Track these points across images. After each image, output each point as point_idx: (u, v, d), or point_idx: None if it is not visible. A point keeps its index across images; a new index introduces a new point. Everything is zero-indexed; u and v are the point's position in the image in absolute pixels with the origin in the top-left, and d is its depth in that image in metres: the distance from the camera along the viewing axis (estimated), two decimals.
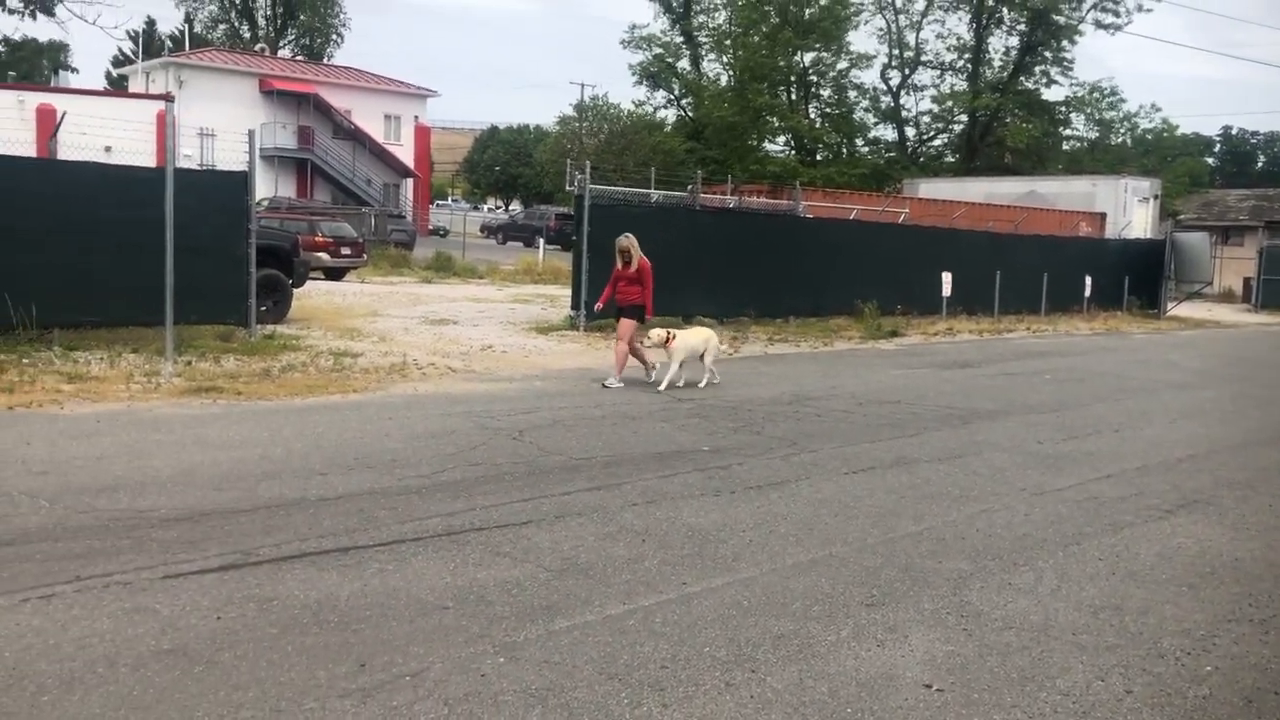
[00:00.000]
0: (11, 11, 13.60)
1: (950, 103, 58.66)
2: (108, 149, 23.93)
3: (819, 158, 58.30)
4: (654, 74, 59.76)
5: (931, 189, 41.86)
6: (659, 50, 59.53)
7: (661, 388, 12.16)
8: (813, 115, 59.73)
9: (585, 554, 5.95)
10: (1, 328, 11.47)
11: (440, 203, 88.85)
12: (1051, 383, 14.99)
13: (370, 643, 4.56)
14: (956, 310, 24.29)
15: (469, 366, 13.14)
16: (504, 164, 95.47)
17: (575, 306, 17.81)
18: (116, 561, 5.37)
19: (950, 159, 60.77)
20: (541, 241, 39.41)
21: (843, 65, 58.82)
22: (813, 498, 7.57)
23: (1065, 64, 57.46)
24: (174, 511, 6.32)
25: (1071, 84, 58.46)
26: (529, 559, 5.80)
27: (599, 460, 8.39)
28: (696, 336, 12.99)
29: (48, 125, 37.01)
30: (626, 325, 12.62)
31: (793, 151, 58.81)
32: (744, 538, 6.44)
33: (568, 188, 27.85)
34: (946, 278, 23.86)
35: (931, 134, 62.10)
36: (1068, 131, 61.35)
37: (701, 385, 12.56)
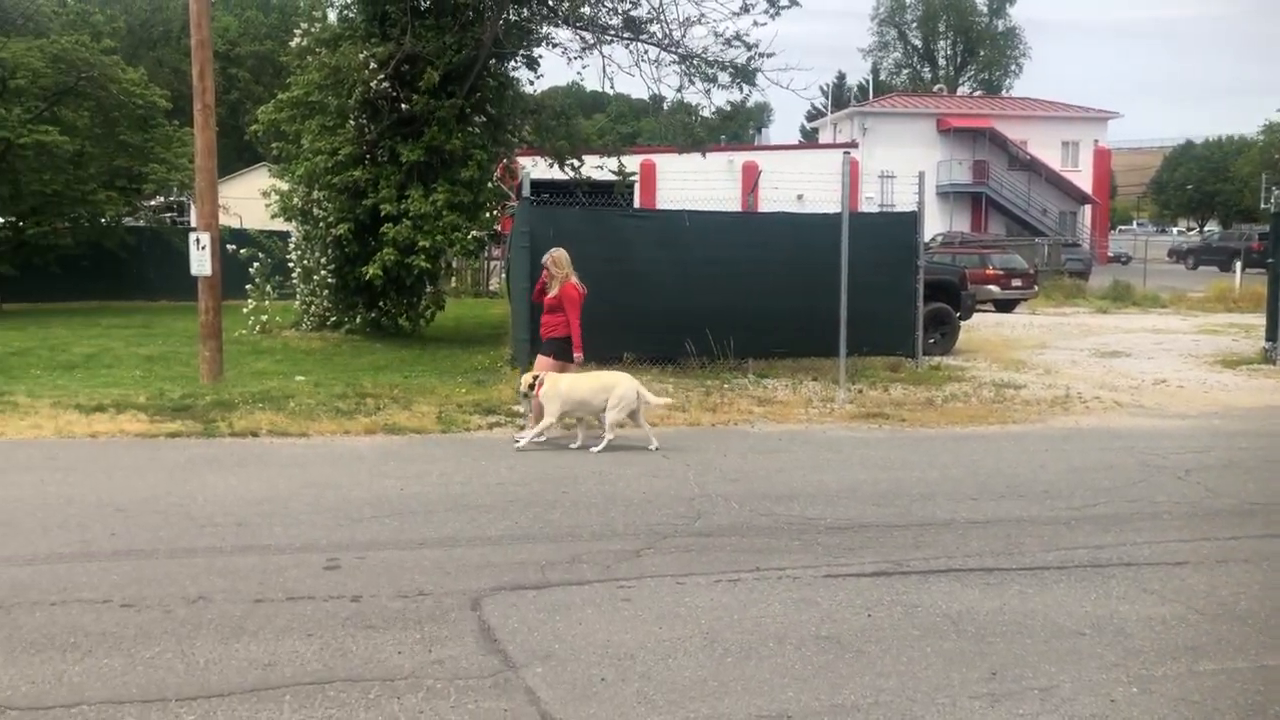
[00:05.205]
0: (722, 87, 16.07)
1: None
2: (800, 197, 26.61)
3: None
4: None
5: None
6: None
7: (519, 444, 9.37)
8: None
9: (1246, 601, 5.58)
10: (709, 358, 13.49)
11: (1123, 228, 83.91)
12: None
13: (1003, 655, 4.83)
14: None
15: (1138, 401, 12.54)
16: (1197, 182, 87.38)
17: (1270, 338, 16.02)
18: (787, 559, 6.25)
19: None
20: (1239, 265, 35.48)
21: None
22: None
23: None
24: (837, 521, 7.11)
25: None
26: (1179, 599, 5.60)
27: None
28: (588, 384, 9.60)
29: (749, 180, 42.00)
30: (541, 363, 10.00)
31: None
32: None
33: (1263, 205, 24.98)
34: None
35: None
36: None
37: (597, 450, 9.24)
